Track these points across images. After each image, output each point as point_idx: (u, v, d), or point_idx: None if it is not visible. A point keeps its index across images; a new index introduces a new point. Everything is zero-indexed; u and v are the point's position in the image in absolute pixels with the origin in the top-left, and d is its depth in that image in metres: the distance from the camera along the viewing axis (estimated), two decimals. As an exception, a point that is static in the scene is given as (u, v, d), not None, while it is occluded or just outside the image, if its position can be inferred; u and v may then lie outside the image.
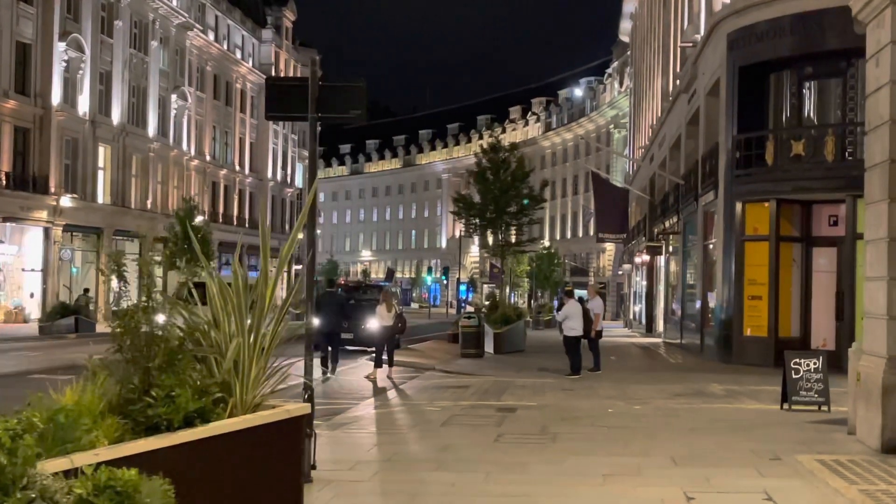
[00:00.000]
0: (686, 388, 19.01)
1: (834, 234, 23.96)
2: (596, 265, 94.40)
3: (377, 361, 21.69)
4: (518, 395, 17.28)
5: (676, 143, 36.14)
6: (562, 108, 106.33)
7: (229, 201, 70.95)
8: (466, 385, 19.06)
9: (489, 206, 33.09)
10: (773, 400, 16.71)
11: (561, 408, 15.30)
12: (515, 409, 15.05)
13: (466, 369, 22.80)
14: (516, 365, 24.31)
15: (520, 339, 30.60)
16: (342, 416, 14.11)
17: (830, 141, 22.44)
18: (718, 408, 15.68)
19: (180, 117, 61.23)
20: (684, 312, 33.10)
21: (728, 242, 25.01)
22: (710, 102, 28.09)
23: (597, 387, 18.93)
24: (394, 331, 22.49)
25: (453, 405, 15.50)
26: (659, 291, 43.83)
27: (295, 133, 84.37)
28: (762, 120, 24.95)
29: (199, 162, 65.15)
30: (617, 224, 44.32)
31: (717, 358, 25.52)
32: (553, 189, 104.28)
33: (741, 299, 24.56)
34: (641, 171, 54.01)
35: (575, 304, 21.75)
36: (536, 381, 20.09)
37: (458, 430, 12.65)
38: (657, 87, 46.49)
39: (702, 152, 28.90)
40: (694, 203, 29.99)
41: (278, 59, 79.48)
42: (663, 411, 14.98)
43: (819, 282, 24.42)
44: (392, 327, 22.29)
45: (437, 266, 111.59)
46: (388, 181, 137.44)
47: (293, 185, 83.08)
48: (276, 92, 9.34)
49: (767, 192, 23.95)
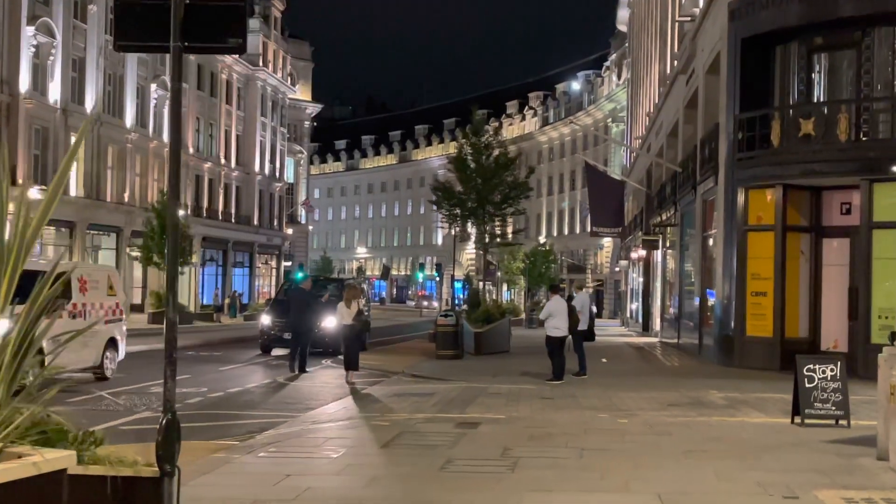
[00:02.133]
0: (681, 396, 16.74)
1: (846, 223, 21.66)
2: (593, 262, 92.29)
3: (347, 364, 19.47)
4: (487, 405, 15.00)
5: (674, 129, 33.82)
6: (559, 102, 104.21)
7: (214, 195, 68.55)
8: (432, 392, 16.77)
9: (471, 194, 30.70)
10: (782, 411, 14.47)
11: (533, 422, 13.02)
12: (479, 423, 12.76)
13: (437, 373, 20.51)
14: (495, 368, 22.03)
15: (503, 339, 28.28)
16: (269, 433, 11.83)
17: (844, 119, 20.10)
18: (718, 422, 13.39)
19: (160, 108, 58.84)
20: (682, 311, 30.82)
21: (729, 233, 22.70)
22: (710, 81, 25.79)
23: (580, 395, 16.64)
24: (356, 330, 20.29)
25: (407, 419, 13.22)
26: (656, 288, 41.54)
27: (284, 126, 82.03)
28: (767, 97, 22.62)
29: (182, 154, 62.72)
30: (612, 218, 42.04)
31: (717, 360, 23.24)
32: (550, 185, 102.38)
33: (743, 296, 22.26)
34: (639, 163, 51.72)
35: (559, 301, 19.38)
36: (513, 387, 17.78)
37: (401, 453, 10.37)
38: (654, 72, 44.20)
39: (700, 136, 26.57)
40: (692, 192, 27.67)
41: (266, 50, 77.06)
42: (653, 427, 12.69)
43: (830, 276, 22.12)
44: (353, 326, 20.12)
45: (431, 263, 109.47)
46: (383, 177, 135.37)
47: (282, 179, 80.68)
48: (128, 16, 6.97)
49: (773, 177, 21.60)
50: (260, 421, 13.21)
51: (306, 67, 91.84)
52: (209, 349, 28.13)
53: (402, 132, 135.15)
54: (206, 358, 24.69)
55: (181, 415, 12.52)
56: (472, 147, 30.99)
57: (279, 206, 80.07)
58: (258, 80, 74.55)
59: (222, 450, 10.37)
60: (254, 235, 73.32)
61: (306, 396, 16.72)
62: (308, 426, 12.46)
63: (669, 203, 33.53)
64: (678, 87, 32.56)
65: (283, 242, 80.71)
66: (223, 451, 10.30)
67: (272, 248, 78.45)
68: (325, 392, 17.43)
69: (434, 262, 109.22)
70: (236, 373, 21.12)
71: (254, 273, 72.99)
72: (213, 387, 17.37)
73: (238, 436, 11.66)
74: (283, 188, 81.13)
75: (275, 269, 76.69)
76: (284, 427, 12.39)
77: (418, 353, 26.67)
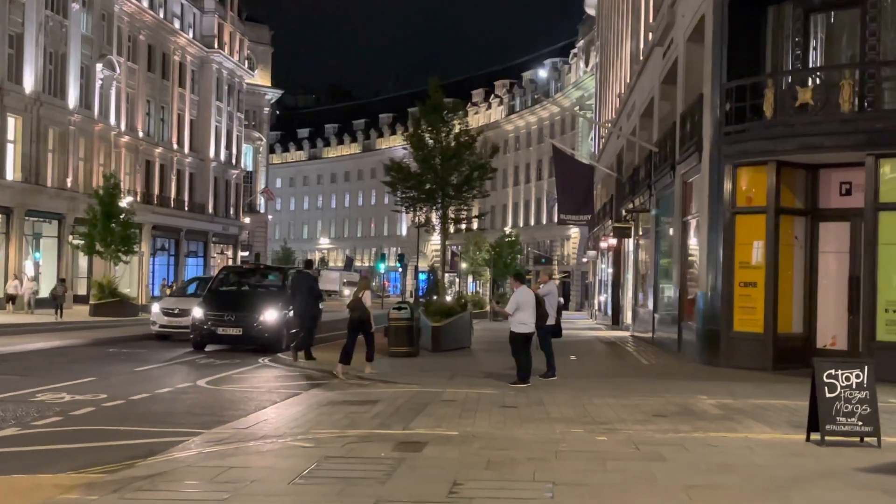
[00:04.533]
0: (666, 403, 14.34)
1: (846, 205, 19.34)
2: (560, 253, 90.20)
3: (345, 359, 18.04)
4: (439, 416, 12.50)
5: (648, 108, 31.41)
6: (525, 90, 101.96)
7: (166, 182, 65.58)
8: (375, 399, 14.24)
9: (428, 174, 28.02)
10: (790, 424, 12.14)
11: (492, 441, 10.54)
12: (424, 443, 10.27)
13: (385, 374, 17.96)
14: (453, 368, 19.53)
15: (464, 335, 25.77)
16: (156, 459, 9.24)
17: (847, 86, 17.69)
18: (717, 439, 10.96)
19: (107, 88, 55.90)
20: (657, 303, 28.46)
21: (715, 216, 20.29)
22: (692, 50, 23.37)
23: (548, 402, 14.18)
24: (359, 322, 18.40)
25: (337, 437, 10.69)
26: (627, 280, 39.19)
27: (242, 112, 79.03)
28: (758, 64, 20.23)
29: (131, 138, 59.86)
30: (581, 205, 39.47)
31: (700, 359, 20.87)
32: (516, 174, 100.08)
33: (731, 287, 19.86)
34: (608, 149, 49.41)
35: (526, 292, 16.83)
36: (471, 392, 15.29)
37: (312, 493, 7.84)
38: (626, 51, 41.81)
39: (680, 110, 24.15)
40: (670, 173, 25.25)
41: (222, 32, 74.05)
42: (639, 447, 10.25)
43: (826, 265, 19.79)
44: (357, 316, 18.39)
45: (395, 254, 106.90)
46: (346, 166, 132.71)
47: (239, 166, 77.69)
48: None
49: (765, 152, 19.15)
50: (153, 440, 10.61)
51: (265, 52, 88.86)
52: (136, 345, 25.34)
53: (366, 121, 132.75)
54: (127, 356, 21.90)
55: (55, 431, 9.71)
56: (429, 123, 28.33)
57: (236, 194, 77.15)
58: (213, 62, 71.63)
59: (77, 488, 7.79)
60: (208, 224, 70.49)
61: (224, 405, 14.05)
62: (209, 448, 9.89)
63: (643, 188, 31.15)
64: (653, 63, 30.17)
65: (241, 232, 77.86)
66: (78, 489, 7.73)
67: (228, 238, 75.62)
68: (250, 399, 14.81)
69: (398, 253, 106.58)
70: (153, 374, 18.41)
71: (208, 263, 70.07)
72: (116, 392, 14.68)
73: (112, 464, 9.07)
74: (241, 175, 78.22)
75: (231, 259, 73.71)
76: (178, 450, 9.80)
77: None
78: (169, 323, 27.04)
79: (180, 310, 26.79)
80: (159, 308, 27.83)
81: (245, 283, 26.16)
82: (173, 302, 28.28)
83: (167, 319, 27.10)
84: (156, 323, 27.40)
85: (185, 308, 26.29)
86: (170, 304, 28.09)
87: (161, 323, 27.21)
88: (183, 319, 26.09)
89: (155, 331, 27.32)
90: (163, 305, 28.07)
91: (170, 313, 27.15)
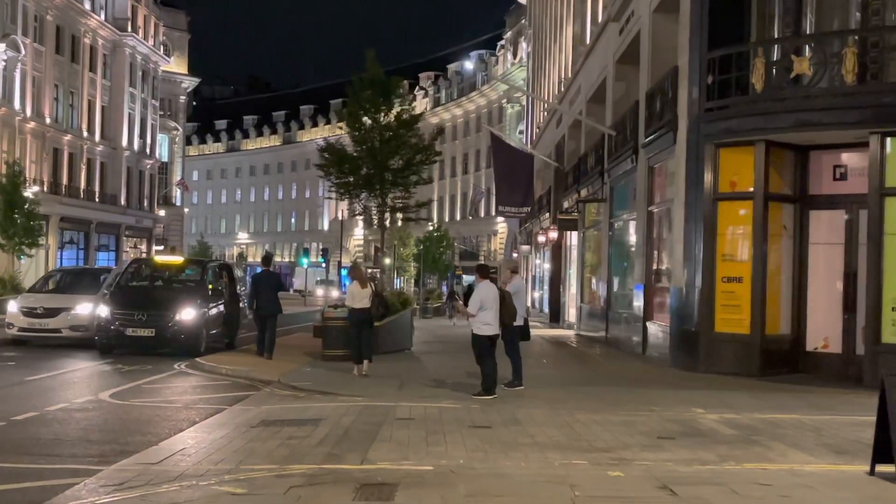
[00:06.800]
0: (661, 419, 12.10)
1: (840, 191, 17.30)
2: (486, 248, 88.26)
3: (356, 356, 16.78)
4: (400, 441, 10.03)
5: (599, 91, 29.22)
6: (451, 82, 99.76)
7: (75, 171, 61.83)
8: (316, 417, 11.69)
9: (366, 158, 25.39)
10: (825, 447, 10.07)
11: (477, 481, 8.12)
12: (395, 485, 7.81)
13: (324, 384, 15.41)
14: (400, 374, 17.07)
15: (405, 335, 23.35)
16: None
17: (850, 54, 15.58)
18: (760, 474, 8.69)
19: (11, 71, 52.24)
20: (612, 300, 26.30)
21: (693, 204, 18.08)
22: (660, 22, 21.18)
23: (525, 419, 11.80)
24: (368, 316, 16.91)
25: (277, 476, 8.16)
26: (570, 275, 37.05)
27: (157, 99, 75.41)
28: (742, 31, 18.08)
29: (37, 125, 56.06)
30: (520, 196, 37.28)
31: (673, 363, 18.70)
32: (441, 168, 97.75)
33: (712, 283, 17.67)
34: (545, 139, 47.26)
35: (490, 288, 14.46)
36: (430, 406, 12.84)
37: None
38: (567, 36, 39.67)
39: (646, 88, 21.93)
40: (631, 158, 23.05)
41: (136, 15, 70.40)
42: (672, 488, 7.92)
43: (818, 258, 17.72)
44: (365, 311, 16.85)
45: (317, 249, 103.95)
46: (266, 159, 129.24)
47: (154, 156, 74.07)
48: None
49: (753, 131, 16.96)
50: (28, 485, 7.94)
51: (182, 38, 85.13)
52: (30, 349, 21.77)
53: (287, 112, 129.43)
54: (18, 362, 18.76)
55: None
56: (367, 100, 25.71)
57: (150, 186, 73.56)
58: (126, 46, 67.97)
59: None
60: (121, 216, 66.88)
61: (130, 427, 11.31)
62: (106, 498, 7.28)
63: (594, 176, 28.96)
64: (606, 41, 27.99)
65: (155, 225, 74.28)
66: None
67: (142, 231, 72.02)
68: (163, 418, 12.15)
69: (320, 248, 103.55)
70: (46, 385, 15.47)
71: (120, 257, 66.43)
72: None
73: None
74: (155, 166, 74.66)
75: (144, 253, 70.06)
76: (61, 502, 7.18)
77: (300, 352, 21.42)
78: (30, 325, 22.30)
79: (45, 309, 22.34)
80: (17, 307, 22.76)
81: (158, 278, 23.16)
82: (36, 300, 23.16)
83: (28, 321, 22.31)
84: (13, 325, 22.46)
85: (53, 307, 22.31)
86: (31, 301, 23.07)
87: (20, 325, 22.35)
88: (49, 321, 22.07)
89: (12, 335, 22.46)
90: (22, 304, 22.99)
91: (32, 313, 22.38)
